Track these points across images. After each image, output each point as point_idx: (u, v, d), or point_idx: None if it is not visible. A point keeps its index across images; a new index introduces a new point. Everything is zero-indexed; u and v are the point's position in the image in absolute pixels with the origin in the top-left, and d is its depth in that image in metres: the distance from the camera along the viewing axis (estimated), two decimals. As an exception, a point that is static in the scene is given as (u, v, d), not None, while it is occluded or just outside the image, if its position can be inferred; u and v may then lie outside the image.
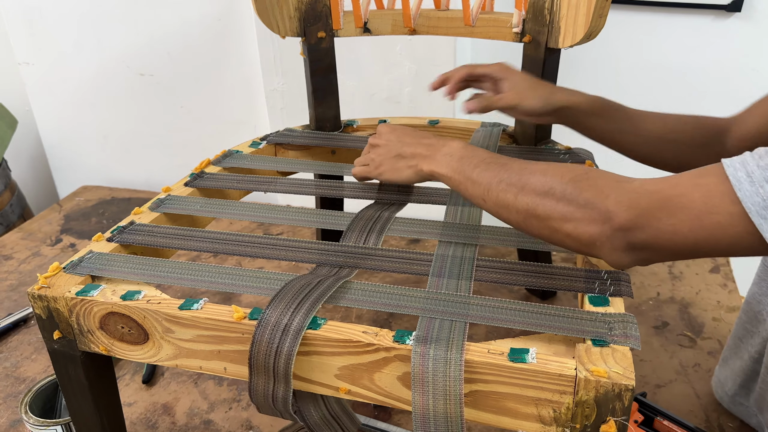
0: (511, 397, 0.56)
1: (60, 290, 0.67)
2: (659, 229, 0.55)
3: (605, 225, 0.57)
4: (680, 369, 1.02)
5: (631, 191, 0.57)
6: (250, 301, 1.21)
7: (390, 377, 0.59)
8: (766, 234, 0.50)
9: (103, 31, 1.61)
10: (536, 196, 0.62)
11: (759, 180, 0.50)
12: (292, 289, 0.64)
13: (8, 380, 1.05)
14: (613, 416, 0.53)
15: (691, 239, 0.54)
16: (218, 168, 0.96)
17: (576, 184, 0.60)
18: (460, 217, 0.81)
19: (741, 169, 0.52)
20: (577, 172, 0.61)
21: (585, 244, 0.59)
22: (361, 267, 0.71)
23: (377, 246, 0.74)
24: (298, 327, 0.59)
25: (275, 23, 1.03)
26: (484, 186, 0.67)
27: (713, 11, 1.40)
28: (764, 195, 0.50)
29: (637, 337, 0.57)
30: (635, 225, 0.56)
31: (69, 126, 1.78)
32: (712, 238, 0.53)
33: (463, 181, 0.70)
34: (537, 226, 0.62)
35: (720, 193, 0.52)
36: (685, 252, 0.55)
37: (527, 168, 0.65)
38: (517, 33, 0.97)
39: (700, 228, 0.53)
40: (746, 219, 0.51)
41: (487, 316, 0.61)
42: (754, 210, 0.50)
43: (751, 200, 0.50)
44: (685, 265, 1.31)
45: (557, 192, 0.60)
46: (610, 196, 0.57)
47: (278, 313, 0.60)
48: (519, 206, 0.63)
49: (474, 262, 0.70)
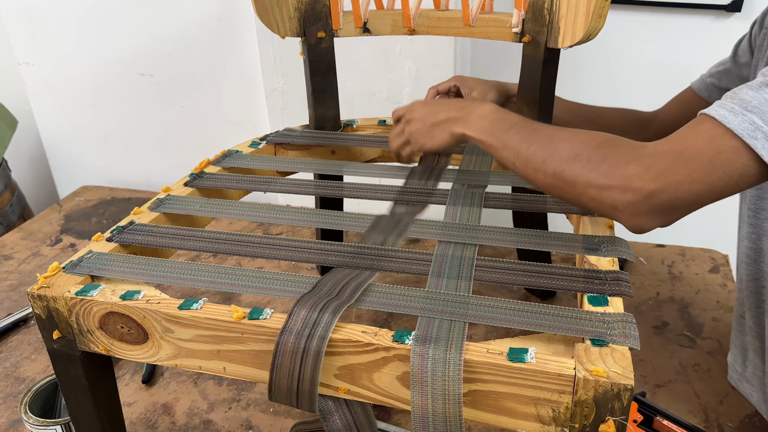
0: (510, 396, 0.56)
1: (59, 290, 0.67)
2: (679, 182, 0.60)
3: (627, 192, 0.61)
4: (680, 369, 1.02)
5: (647, 156, 0.61)
6: (249, 301, 1.21)
7: (389, 377, 0.59)
8: (759, 150, 0.58)
9: (103, 31, 1.61)
10: (563, 161, 0.66)
11: (739, 112, 0.59)
12: (319, 291, 0.63)
13: (8, 380, 1.05)
14: (612, 416, 0.53)
15: (708, 182, 0.59)
16: (218, 168, 0.96)
17: (600, 151, 0.64)
18: (460, 217, 0.81)
19: (721, 110, 0.60)
20: (602, 139, 0.66)
21: (608, 210, 0.64)
22: (364, 267, 0.71)
23: (394, 247, 0.74)
24: (324, 330, 0.59)
25: (275, 23, 1.03)
26: (515, 150, 0.71)
27: (713, 11, 1.40)
28: (749, 121, 0.58)
29: (636, 336, 0.57)
30: (658, 188, 0.60)
31: (69, 126, 1.78)
32: (725, 175, 0.59)
33: (495, 143, 0.74)
34: (564, 190, 0.67)
35: (719, 133, 0.59)
36: (704, 197, 0.60)
37: (556, 135, 0.69)
38: (516, 33, 0.97)
39: (714, 168, 0.59)
40: (746, 146, 0.58)
41: (486, 315, 0.61)
42: (746, 134, 0.58)
43: (741, 127, 0.58)
44: (684, 266, 1.31)
45: (583, 158, 0.64)
46: (630, 162, 0.62)
47: (304, 315, 0.60)
48: (547, 170, 0.67)
49: (474, 262, 0.70)
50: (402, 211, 0.84)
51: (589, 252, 0.71)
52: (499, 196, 0.86)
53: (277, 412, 0.96)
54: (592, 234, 0.74)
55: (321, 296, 0.63)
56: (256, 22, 1.44)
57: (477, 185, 0.89)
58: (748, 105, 0.59)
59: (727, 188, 0.60)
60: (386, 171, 0.94)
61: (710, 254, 1.34)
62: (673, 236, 1.46)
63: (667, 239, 1.43)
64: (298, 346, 0.59)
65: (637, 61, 1.47)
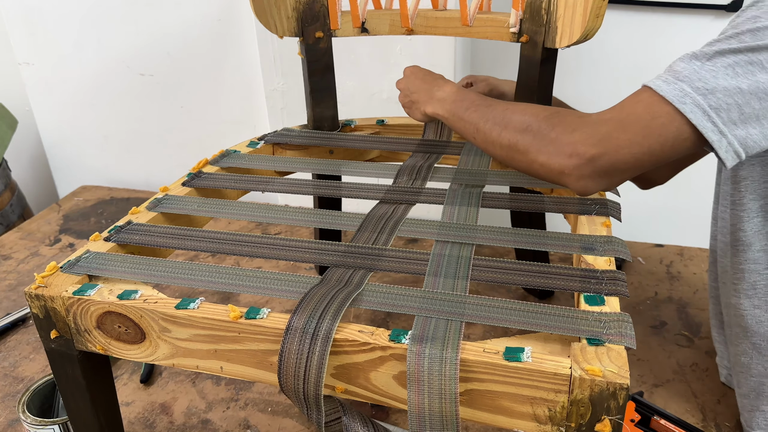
0: (507, 396, 0.56)
1: (57, 290, 0.67)
2: (619, 146, 0.66)
3: (572, 157, 0.67)
4: (678, 368, 1.02)
5: (591, 123, 0.68)
6: (248, 300, 1.21)
7: (386, 376, 0.59)
8: (688, 113, 0.64)
9: (103, 32, 1.62)
10: (516, 132, 0.73)
11: (671, 80, 0.66)
12: (316, 295, 0.64)
13: (6, 380, 1.05)
14: (608, 415, 0.53)
15: (646, 146, 0.66)
16: (216, 168, 0.96)
17: (549, 121, 0.70)
18: (457, 216, 0.81)
19: (657, 80, 0.67)
20: (551, 110, 0.72)
21: (555, 174, 0.69)
22: (359, 267, 0.71)
23: (387, 246, 0.74)
24: (326, 332, 0.59)
25: (273, 23, 1.03)
26: (473, 124, 0.79)
27: (713, 11, 1.40)
28: (678, 88, 0.65)
29: (632, 336, 0.57)
30: (599, 152, 0.66)
31: (69, 126, 1.78)
32: (662, 138, 0.65)
33: (456, 121, 0.83)
34: (518, 159, 0.73)
35: (655, 101, 0.66)
36: (643, 160, 0.67)
37: (509, 108, 0.76)
38: (514, 33, 0.97)
39: (651, 133, 0.66)
40: (677, 111, 0.65)
41: (483, 315, 0.61)
42: (676, 99, 0.64)
43: (672, 94, 0.65)
44: (683, 265, 1.31)
45: (534, 128, 0.71)
46: (576, 130, 0.68)
47: (305, 320, 0.60)
48: (503, 142, 0.74)
49: (471, 261, 0.70)
50: (390, 209, 0.84)
51: (586, 251, 0.71)
52: (497, 196, 0.86)
53: (276, 411, 0.97)
54: (590, 234, 0.74)
55: (320, 298, 0.63)
56: (256, 22, 1.44)
57: (474, 185, 0.89)
58: (679, 75, 0.66)
59: (663, 151, 0.66)
60: (384, 171, 0.94)
61: (708, 254, 1.33)
62: (672, 236, 1.46)
63: (665, 239, 1.43)
64: (302, 349, 0.59)
65: (636, 61, 1.47)
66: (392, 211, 0.83)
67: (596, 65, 1.50)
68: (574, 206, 0.81)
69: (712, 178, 0.93)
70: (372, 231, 0.77)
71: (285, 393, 0.61)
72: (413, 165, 0.96)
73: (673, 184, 0.98)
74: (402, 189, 0.89)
